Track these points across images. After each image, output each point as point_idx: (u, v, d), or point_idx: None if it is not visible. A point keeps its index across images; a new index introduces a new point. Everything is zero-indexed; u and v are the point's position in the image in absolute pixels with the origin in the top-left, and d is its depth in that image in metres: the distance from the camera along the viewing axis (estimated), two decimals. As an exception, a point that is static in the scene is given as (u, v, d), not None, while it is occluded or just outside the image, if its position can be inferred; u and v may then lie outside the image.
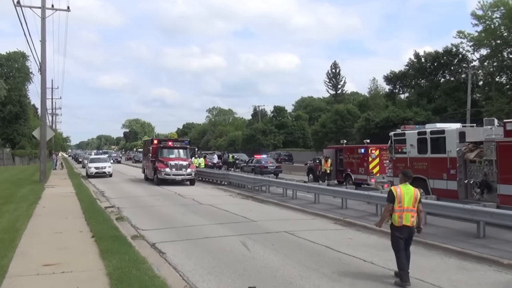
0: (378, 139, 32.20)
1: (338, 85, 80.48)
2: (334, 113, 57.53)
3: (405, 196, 7.36)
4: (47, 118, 56.96)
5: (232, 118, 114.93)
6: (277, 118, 79.41)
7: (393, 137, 17.29)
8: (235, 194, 21.55)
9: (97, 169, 32.38)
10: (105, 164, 33.42)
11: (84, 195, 18.83)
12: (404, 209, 7.33)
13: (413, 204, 7.39)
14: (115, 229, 10.99)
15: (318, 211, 15.13)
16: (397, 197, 7.36)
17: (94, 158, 36.35)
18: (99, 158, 35.76)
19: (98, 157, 38.11)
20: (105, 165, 33.23)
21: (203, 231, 11.61)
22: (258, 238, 10.79)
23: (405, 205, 7.34)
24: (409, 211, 7.35)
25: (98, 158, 35.74)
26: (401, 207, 7.34)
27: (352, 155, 23.71)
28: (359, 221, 12.84)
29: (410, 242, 7.51)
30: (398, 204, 7.35)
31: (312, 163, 29.40)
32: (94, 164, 33.18)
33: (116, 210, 15.96)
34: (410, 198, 7.38)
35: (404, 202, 7.34)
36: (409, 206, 7.36)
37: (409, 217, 7.33)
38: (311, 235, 11.23)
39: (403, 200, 7.34)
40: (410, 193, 7.42)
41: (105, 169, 32.58)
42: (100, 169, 32.41)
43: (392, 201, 7.40)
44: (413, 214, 7.37)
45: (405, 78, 53.81)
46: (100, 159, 35.17)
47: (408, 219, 7.33)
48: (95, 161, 34.29)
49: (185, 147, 28.74)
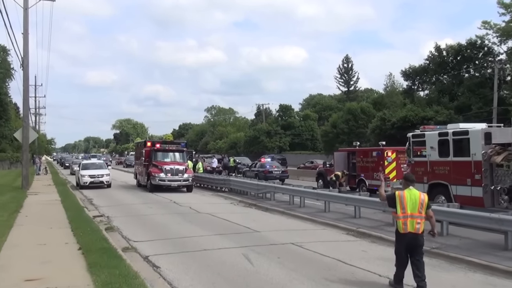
0: (395, 141, 32.08)
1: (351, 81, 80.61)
2: (346, 112, 57.51)
3: (408, 201, 7.51)
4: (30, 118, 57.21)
5: (233, 118, 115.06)
6: (283, 118, 79.46)
7: (411, 138, 17.25)
8: (236, 202, 21.54)
9: (92, 177, 28.35)
10: (102, 171, 29.09)
11: (70, 203, 18.86)
12: (408, 215, 7.47)
13: (419, 209, 7.51)
14: (104, 240, 10.99)
15: (328, 220, 15.10)
16: (400, 203, 7.52)
17: (87, 163, 30.92)
18: (94, 164, 30.84)
19: (93, 162, 32.84)
20: (102, 172, 28.99)
21: (201, 243, 11.60)
22: (262, 250, 10.77)
23: (408, 211, 7.48)
24: (414, 218, 7.48)
25: (92, 164, 30.77)
26: (405, 213, 7.49)
27: (366, 159, 23.64)
28: (374, 232, 12.80)
29: (420, 250, 7.60)
30: (402, 210, 7.51)
31: (322, 167, 29.34)
32: (88, 172, 28.77)
33: (106, 219, 15.97)
34: (414, 203, 7.51)
35: (408, 208, 7.48)
36: (414, 212, 7.49)
37: (413, 223, 7.46)
38: (320, 247, 11.21)
39: (407, 206, 7.49)
40: (414, 198, 7.54)
41: (102, 178, 28.51)
42: (96, 178, 28.38)
43: (393, 206, 7.62)
44: (419, 220, 7.50)
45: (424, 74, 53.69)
46: (95, 165, 30.47)
47: (413, 226, 7.46)
48: (89, 168, 29.60)
49: (181, 150, 28.77)
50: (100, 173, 28.88)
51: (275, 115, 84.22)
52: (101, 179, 28.52)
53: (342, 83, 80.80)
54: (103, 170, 29.36)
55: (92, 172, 28.81)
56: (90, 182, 28.14)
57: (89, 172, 28.71)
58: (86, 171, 28.94)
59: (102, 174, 28.84)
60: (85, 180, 28.24)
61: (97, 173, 28.74)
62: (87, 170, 29.00)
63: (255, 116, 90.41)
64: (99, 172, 28.98)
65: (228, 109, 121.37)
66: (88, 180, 28.24)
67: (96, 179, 28.39)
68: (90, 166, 29.87)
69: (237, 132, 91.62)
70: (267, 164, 36.31)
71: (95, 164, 30.69)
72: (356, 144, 26.58)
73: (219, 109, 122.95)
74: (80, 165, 30.48)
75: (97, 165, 30.61)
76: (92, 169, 29.21)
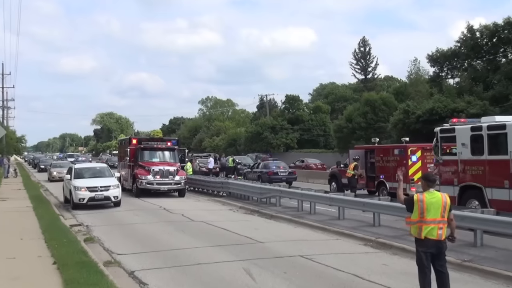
0: (420, 137, 31.99)
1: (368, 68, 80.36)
2: (364, 103, 57.37)
3: (429, 206, 7.54)
4: (-3, 112, 57.40)
5: (232, 111, 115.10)
6: (290, 110, 79.41)
7: (439, 134, 17.20)
8: (236, 208, 21.56)
9: (93, 191, 21.26)
10: (106, 181, 22.23)
11: (44, 210, 18.91)
12: (428, 221, 7.52)
13: (442, 214, 7.57)
14: (83, 253, 11.00)
15: (343, 229, 15.08)
16: (419, 207, 7.56)
17: (83, 168, 24.23)
18: (93, 170, 24.20)
19: (91, 166, 27.07)
20: (108, 182, 22.08)
21: (196, 256, 11.60)
22: (266, 264, 10.77)
23: (429, 216, 7.53)
24: (436, 223, 7.54)
25: (91, 170, 24.17)
26: (423, 218, 7.53)
27: (387, 158, 23.61)
28: (396, 242, 12.78)
29: (442, 258, 7.67)
30: (420, 215, 7.56)
31: (335, 168, 29.34)
32: (85, 182, 21.60)
33: (85, 229, 16.02)
34: (437, 208, 7.56)
35: (428, 214, 7.53)
36: (436, 217, 7.55)
37: (435, 229, 7.53)
38: (334, 260, 11.20)
39: (426, 211, 7.53)
40: (436, 202, 7.59)
41: (108, 191, 21.54)
42: (98, 192, 21.33)
43: (410, 209, 7.67)
44: (441, 225, 7.58)
45: (455, 59, 53.45)
46: (96, 171, 23.89)
47: (434, 232, 7.53)
48: (86, 175, 22.75)
49: (172, 148, 28.81)
50: (104, 183, 21.82)
51: (281, 108, 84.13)
52: (106, 193, 21.46)
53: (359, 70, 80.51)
54: (109, 180, 22.43)
55: (92, 182, 21.70)
56: (89, 198, 21.14)
57: (87, 183, 21.53)
58: (82, 181, 21.78)
59: (107, 185, 21.76)
60: (81, 196, 21.13)
61: (100, 184, 21.65)
62: (84, 180, 21.90)
63: (257, 109, 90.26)
64: (103, 182, 21.95)
65: (226, 101, 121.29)
66: (86, 196, 21.12)
67: (99, 193, 21.28)
68: (87, 173, 23.05)
69: (237, 127, 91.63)
70: (272, 164, 36.32)
71: (95, 170, 23.92)
72: (375, 141, 26.56)
73: (215, 101, 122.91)
74: (71, 172, 22.74)
75: (98, 171, 23.82)
76: (92, 178, 22.34)
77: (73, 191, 21.40)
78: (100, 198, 21.39)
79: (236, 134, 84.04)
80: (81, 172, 23.01)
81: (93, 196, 21.22)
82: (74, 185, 21.46)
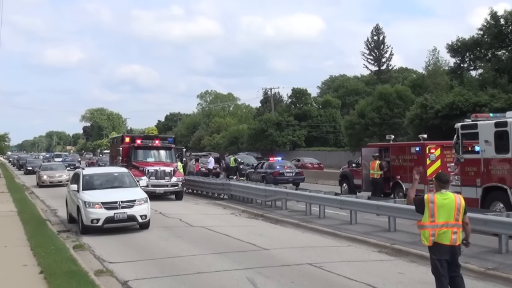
0: (440, 134, 31.95)
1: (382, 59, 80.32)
2: (377, 97, 57.35)
3: (440, 209, 7.61)
4: (-22, 108, 57.45)
5: (233, 106, 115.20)
6: (297, 105, 79.41)
7: (460, 130, 17.16)
8: (238, 212, 21.57)
9: (112, 208, 16.12)
10: (130, 193, 17.06)
11: (29, 215, 18.94)
12: (439, 225, 7.60)
13: (455, 217, 7.63)
14: (72, 261, 11.02)
15: (355, 234, 15.08)
16: (429, 209, 7.63)
17: (96, 174, 19.04)
18: (109, 176, 18.81)
19: (107, 171, 21.12)
20: (132, 195, 16.86)
21: (195, 264, 11.63)
22: (271, 273, 10.78)
23: (440, 219, 7.60)
24: (448, 227, 7.61)
25: (107, 176, 18.90)
26: (434, 222, 7.61)
27: (403, 157, 23.55)
28: (414, 249, 12.75)
29: (457, 262, 7.76)
30: (430, 218, 7.63)
31: (347, 168, 29.31)
32: (101, 196, 16.59)
33: (74, 235, 16.04)
34: (449, 210, 7.62)
35: (440, 217, 7.60)
36: (450, 220, 7.61)
37: (449, 234, 7.60)
38: (346, 268, 11.21)
39: (437, 213, 7.60)
40: (449, 203, 7.65)
41: (132, 208, 16.33)
42: (120, 210, 16.15)
43: (421, 212, 7.73)
44: (455, 229, 7.64)
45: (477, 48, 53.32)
46: (112, 178, 18.63)
47: (448, 237, 7.60)
48: (99, 183, 17.91)
49: (168, 147, 28.83)
50: (126, 196, 16.65)
51: (287, 102, 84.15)
52: (130, 212, 16.24)
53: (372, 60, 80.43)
54: (132, 192, 17.31)
55: (109, 195, 16.65)
56: (107, 219, 16.01)
57: (102, 196, 16.49)
58: (96, 193, 16.80)
59: (131, 199, 16.53)
60: (95, 215, 16.01)
61: (121, 198, 16.43)
62: (98, 192, 16.94)
63: (261, 104, 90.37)
64: (125, 195, 16.85)
65: (227, 95, 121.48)
66: (101, 215, 16.00)
67: (120, 212, 16.06)
68: (101, 182, 18.08)
69: (239, 124, 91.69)
70: (277, 164, 36.31)
71: (112, 177, 18.68)
72: (390, 138, 26.50)
73: (215, 95, 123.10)
74: (79, 180, 17.63)
75: (116, 178, 18.58)
76: (107, 189, 17.49)
77: (82, 209, 16.12)
78: (122, 219, 16.07)
79: (238, 131, 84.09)
80: (92, 181, 17.88)
81: (111, 216, 15.90)
82: (84, 199, 16.26)
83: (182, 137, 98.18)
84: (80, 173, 18.58)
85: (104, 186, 17.71)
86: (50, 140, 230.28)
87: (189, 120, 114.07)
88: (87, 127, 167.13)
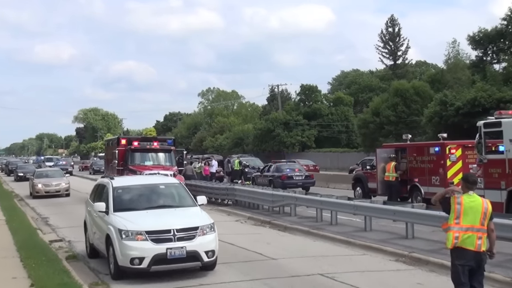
0: (461, 133, 31.86)
1: (398, 52, 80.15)
2: (393, 93, 57.29)
3: (467, 210, 7.63)
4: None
5: (237, 105, 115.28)
6: (307, 103, 79.37)
7: (483, 128, 17.13)
8: (244, 219, 21.59)
9: (163, 241, 11.54)
10: (187, 217, 12.57)
11: (19, 224, 18.97)
12: (465, 228, 7.62)
13: (481, 221, 7.64)
14: (65, 273, 11.04)
15: (370, 242, 15.05)
16: (455, 210, 7.67)
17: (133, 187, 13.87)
18: (152, 190, 13.85)
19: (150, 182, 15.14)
20: (191, 220, 12.34)
21: (197, 275, 11.67)
22: (280, 284, 10.80)
23: (466, 222, 7.62)
24: (474, 231, 7.61)
25: (149, 189, 13.88)
26: (459, 224, 7.63)
27: (421, 158, 23.49)
28: (433, 257, 12.74)
29: (482, 273, 7.75)
30: (455, 220, 7.66)
31: (361, 170, 29.27)
32: (145, 221, 11.97)
33: (67, 245, 16.07)
34: (476, 213, 7.63)
35: (465, 219, 7.62)
36: (475, 224, 7.62)
37: (474, 239, 7.60)
38: (360, 279, 11.20)
39: (462, 215, 7.63)
40: (476, 206, 7.66)
41: (193, 241, 11.75)
42: (175, 244, 11.54)
43: (447, 211, 7.80)
44: (480, 234, 7.64)
45: (501, 40, 53.24)
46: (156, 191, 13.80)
47: (473, 242, 7.60)
48: (141, 201, 13.18)
49: (168, 149, 28.85)
50: (183, 223, 12.05)
51: (295, 100, 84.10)
52: (190, 246, 11.65)
53: (386, 54, 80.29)
54: (190, 213, 12.90)
55: (157, 221, 12.04)
56: (156, 256, 11.42)
57: (147, 222, 11.90)
58: (135, 216, 12.23)
59: (190, 226, 12.03)
60: (136, 253, 11.45)
61: (175, 224, 11.85)
62: (139, 215, 12.35)
63: (267, 102, 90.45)
64: (179, 218, 12.36)
65: (231, 93, 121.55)
66: (147, 252, 11.44)
67: (175, 246, 11.53)
68: (138, 196, 13.41)
69: (244, 123, 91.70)
70: (286, 167, 36.30)
71: (157, 191, 13.78)
72: (407, 138, 26.44)
73: (218, 93, 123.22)
74: (108, 195, 12.95)
75: (162, 192, 13.80)
76: (151, 209, 12.78)
77: (116, 241, 11.55)
78: (179, 257, 11.45)
79: (242, 131, 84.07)
80: (128, 197, 13.20)
81: (162, 254, 11.28)
82: (119, 226, 11.69)
83: (183, 138, 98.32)
84: (109, 185, 13.23)
85: (146, 206, 12.73)
86: (41, 142, 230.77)
87: (190, 120, 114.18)
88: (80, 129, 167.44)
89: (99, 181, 15.32)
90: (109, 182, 13.46)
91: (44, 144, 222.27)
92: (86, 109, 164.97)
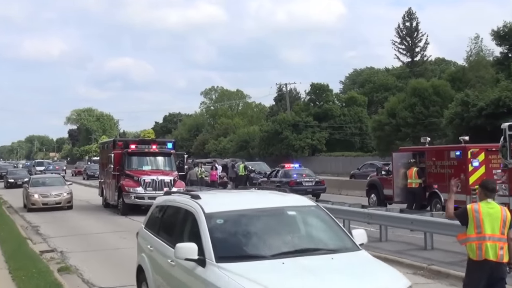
0: (484, 135, 31.80)
1: (416, 48, 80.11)
2: (410, 93, 57.29)
3: (485, 218, 7.65)
4: None
5: (242, 105, 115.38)
6: (317, 103, 79.33)
7: (508, 131, 17.12)
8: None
9: None
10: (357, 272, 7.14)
11: (7, 233, 19.01)
12: (486, 237, 7.62)
13: (501, 230, 7.66)
14: (58, 286, 11.07)
15: (386, 253, 15.00)
16: (474, 219, 7.68)
17: (243, 213, 7.92)
18: (277, 217, 8.13)
19: (264, 205, 8.39)
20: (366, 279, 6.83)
21: None
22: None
23: (487, 231, 7.64)
24: (495, 240, 7.63)
25: (268, 214, 8.08)
26: (481, 233, 7.64)
27: (441, 162, 23.46)
28: (454, 270, 12.74)
29: (502, 285, 7.74)
30: (476, 230, 7.67)
31: (375, 176, 29.25)
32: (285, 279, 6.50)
33: (59, 256, 16.08)
34: (495, 221, 7.66)
35: (486, 227, 7.64)
36: (495, 233, 7.64)
37: (495, 248, 7.61)
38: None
39: (483, 224, 7.64)
40: (495, 214, 7.70)
41: None
42: None
43: (465, 223, 7.79)
44: (501, 244, 7.65)
45: (528, 35, 53.18)
46: (281, 220, 8.03)
47: (494, 252, 7.60)
48: (263, 234, 7.73)
49: (167, 153, 28.91)
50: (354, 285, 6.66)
51: (305, 100, 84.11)
52: None
53: (403, 50, 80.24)
54: (355, 261, 7.79)
55: (301, 278, 6.54)
56: None
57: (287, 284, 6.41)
58: (263, 273, 6.62)
59: None
60: None
61: None
62: (264, 268, 6.85)
63: (274, 102, 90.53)
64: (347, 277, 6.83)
65: (235, 92, 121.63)
66: None
67: None
68: (256, 231, 7.80)
69: (249, 125, 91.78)
70: (294, 172, 36.32)
71: (282, 220, 8.18)
72: (426, 141, 26.41)
73: (221, 92, 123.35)
74: (202, 230, 7.47)
75: (291, 221, 8.31)
76: (288, 256, 7.16)
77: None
78: None
79: (248, 134, 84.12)
80: (240, 234, 7.79)
81: None
82: None
83: (183, 141, 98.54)
84: (197, 212, 7.85)
85: (277, 250, 7.41)
86: (31, 146, 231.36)
87: (191, 122, 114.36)
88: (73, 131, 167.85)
89: (167, 200, 9.57)
90: (197, 207, 7.89)
91: (35, 147, 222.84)
92: (79, 109, 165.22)
